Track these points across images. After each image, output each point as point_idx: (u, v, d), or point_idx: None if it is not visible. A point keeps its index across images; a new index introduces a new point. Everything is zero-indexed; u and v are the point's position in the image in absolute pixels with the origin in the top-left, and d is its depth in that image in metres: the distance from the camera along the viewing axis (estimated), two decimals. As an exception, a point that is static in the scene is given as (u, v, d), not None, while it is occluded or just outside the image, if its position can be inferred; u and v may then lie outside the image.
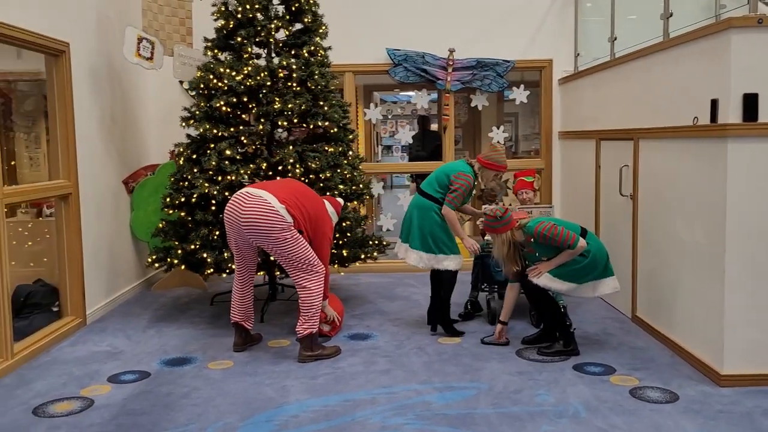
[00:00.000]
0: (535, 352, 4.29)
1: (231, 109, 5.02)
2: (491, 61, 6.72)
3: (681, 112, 4.08)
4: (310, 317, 4.22)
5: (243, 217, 4.05)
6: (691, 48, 3.98)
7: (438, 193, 4.60)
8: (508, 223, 4.23)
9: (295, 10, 5.28)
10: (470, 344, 4.54)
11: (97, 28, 5.40)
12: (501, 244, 4.23)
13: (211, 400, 3.67)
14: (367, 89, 9.32)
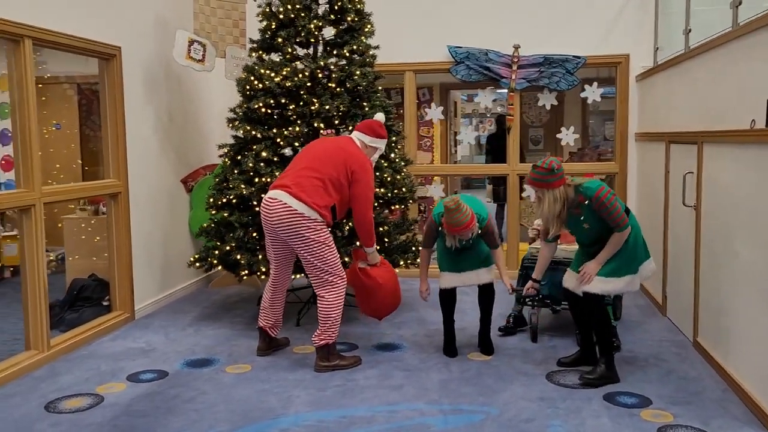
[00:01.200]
0: (577, 378, 3.90)
1: (270, 111, 4.99)
2: (560, 58, 6.30)
3: (743, 113, 3.59)
4: (327, 328, 4.09)
5: (273, 220, 4.01)
6: (752, 40, 3.48)
7: None
8: (563, 177, 3.74)
9: (338, 9, 5.16)
10: (500, 362, 4.24)
11: (152, 31, 5.54)
12: (552, 201, 3.72)
13: (213, 406, 3.63)
14: (443, 87, 9.06)
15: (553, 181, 3.71)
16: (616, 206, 3.68)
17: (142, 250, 5.43)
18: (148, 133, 5.55)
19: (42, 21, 4.24)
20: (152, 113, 5.61)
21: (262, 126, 4.99)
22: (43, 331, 4.35)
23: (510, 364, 4.21)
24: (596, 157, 8.25)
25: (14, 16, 4.00)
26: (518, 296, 4.86)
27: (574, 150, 8.89)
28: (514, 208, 6.68)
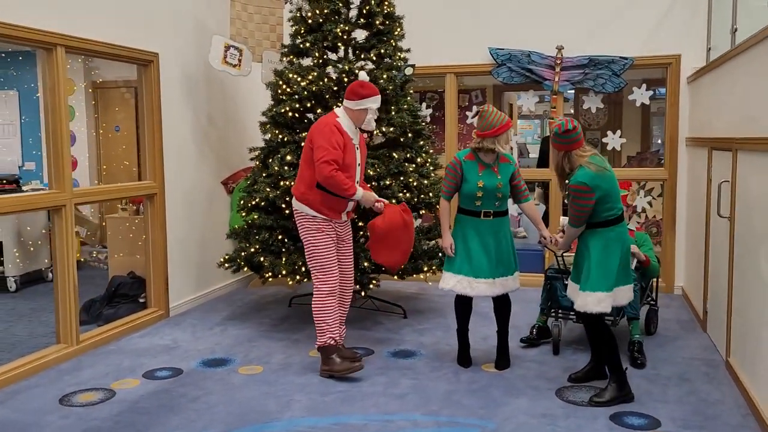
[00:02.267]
0: (587, 395, 3.73)
1: (297, 115, 5.03)
2: (606, 59, 6.06)
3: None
4: (318, 330, 4.13)
5: None
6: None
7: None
8: (568, 143, 3.58)
9: (366, 13, 5.15)
10: (513, 375, 4.12)
11: (190, 37, 5.70)
12: (553, 159, 3.72)
13: (214, 407, 3.69)
14: (497, 89, 8.89)
15: (556, 142, 3.64)
16: (581, 205, 3.54)
17: (177, 250, 5.59)
18: (185, 136, 5.72)
19: (77, 30, 4.44)
20: (190, 117, 5.77)
21: (288, 130, 5.05)
22: (72, 325, 4.55)
23: (523, 377, 4.08)
24: (657, 161, 7.90)
25: (47, 25, 4.21)
26: (542, 306, 4.70)
27: (633, 154, 8.53)
28: (556, 213, 6.47)
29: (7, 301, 6.31)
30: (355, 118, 4.08)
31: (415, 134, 5.24)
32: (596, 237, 3.63)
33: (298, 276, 4.85)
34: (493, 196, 3.97)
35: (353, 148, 4.08)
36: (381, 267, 4.92)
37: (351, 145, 4.06)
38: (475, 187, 3.95)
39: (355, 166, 4.09)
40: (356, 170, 4.10)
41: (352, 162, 4.06)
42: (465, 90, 8.87)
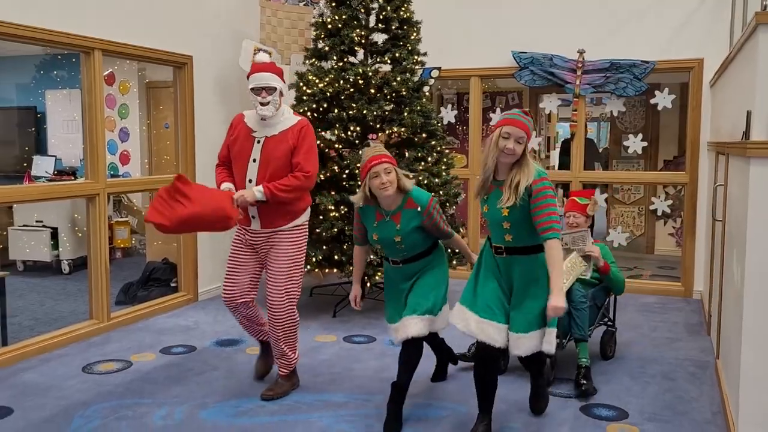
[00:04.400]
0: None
1: (316, 114, 5.34)
2: (627, 62, 6.11)
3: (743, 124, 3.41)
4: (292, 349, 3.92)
5: None
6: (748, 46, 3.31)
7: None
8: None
9: (383, 19, 5.41)
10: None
11: (223, 41, 6.09)
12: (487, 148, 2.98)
13: (215, 380, 4.04)
14: (532, 92, 8.96)
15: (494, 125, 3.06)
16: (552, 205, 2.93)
17: (208, 240, 6.00)
18: (217, 133, 6.09)
19: (116, 35, 4.88)
20: (223, 115, 6.16)
21: (307, 129, 5.35)
22: (103, 304, 5.00)
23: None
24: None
25: (87, 31, 4.66)
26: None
27: (670, 158, 8.47)
28: (577, 216, 6.54)
29: (60, 282, 6.89)
30: (252, 106, 3.61)
31: (428, 134, 5.46)
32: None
33: (309, 265, 5.14)
34: (393, 247, 3.37)
35: (250, 141, 3.61)
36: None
37: (248, 137, 3.62)
38: (371, 238, 3.42)
39: (246, 160, 3.59)
40: (248, 165, 3.59)
41: (242, 155, 3.61)
42: (501, 92, 9.01)
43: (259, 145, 3.59)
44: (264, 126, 3.60)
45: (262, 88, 3.53)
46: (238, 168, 3.64)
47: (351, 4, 5.35)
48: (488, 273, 3.13)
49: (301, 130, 3.60)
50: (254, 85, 3.54)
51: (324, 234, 5.09)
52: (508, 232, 2.99)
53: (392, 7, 5.37)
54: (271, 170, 3.55)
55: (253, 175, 3.57)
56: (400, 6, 5.40)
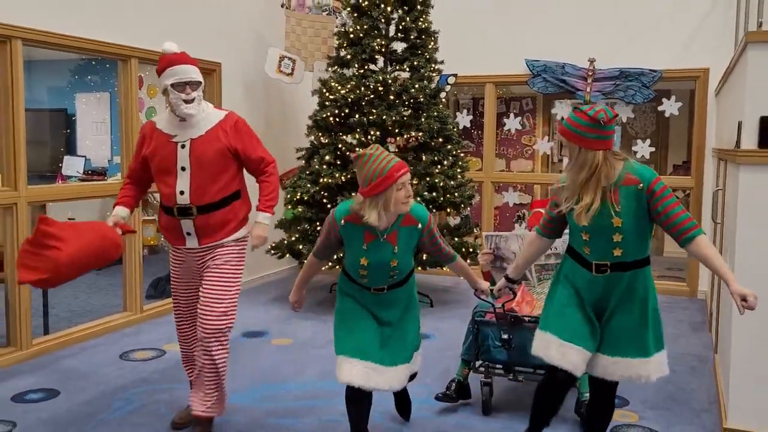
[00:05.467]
0: None
1: (337, 120, 5.63)
2: (636, 71, 6.35)
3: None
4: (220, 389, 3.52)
5: None
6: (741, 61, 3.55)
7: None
8: (609, 138, 2.57)
9: (402, 29, 5.70)
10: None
11: (251, 49, 6.41)
12: (580, 168, 2.55)
13: (241, 368, 4.33)
14: (546, 98, 9.20)
15: (594, 138, 2.53)
16: (680, 208, 2.57)
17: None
18: (244, 136, 6.42)
19: (149, 44, 5.20)
20: (249, 120, 6.43)
21: (329, 133, 5.65)
22: (136, 297, 5.32)
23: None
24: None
25: (124, 41, 4.98)
26: (465, 358, 3.77)
27: (679, 163, 8.68)
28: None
29: (91, 277, 7.22)
30: (169, 105, 3.12)
31: (444, 139, 5.74)
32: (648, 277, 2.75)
33: (329, 262, 5.43)
34: (384, 273, 2.90)
35: (171, 148, 3.11)
36: None
37: (167, 144, 3.13)
38: (356, 263, 2.87)
39: (173, 170, 3.10)
40: (176, 176, 3.10)
41: (166, 165, 3.13)
42: (515, 98, 9.26)
43: (185, 150, 3.08)
44: (185, 127, 3.09)
45: (185, 83, 3.04)
46: (163, 181, 3.13)
47: (372, 15, 5.64)
48: (574, 294, 2.74)
49: (235, 124, 3.16)
50: (175, 80, 3.02)
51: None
52: (618, 246, 2.59)
53: (411, 17, 5.66)
54: (205, 177, 3.08)
55: (185, 186, 3.07)
56: (418, 17, 5.69)
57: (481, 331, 3.65)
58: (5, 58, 4.21)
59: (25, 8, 4.29)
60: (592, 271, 2.67)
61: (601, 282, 2.67)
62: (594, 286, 2.70)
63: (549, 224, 2.85)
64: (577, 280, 2.74)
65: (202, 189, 3.09)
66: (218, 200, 3.14)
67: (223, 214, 3.15)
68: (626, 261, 2.63)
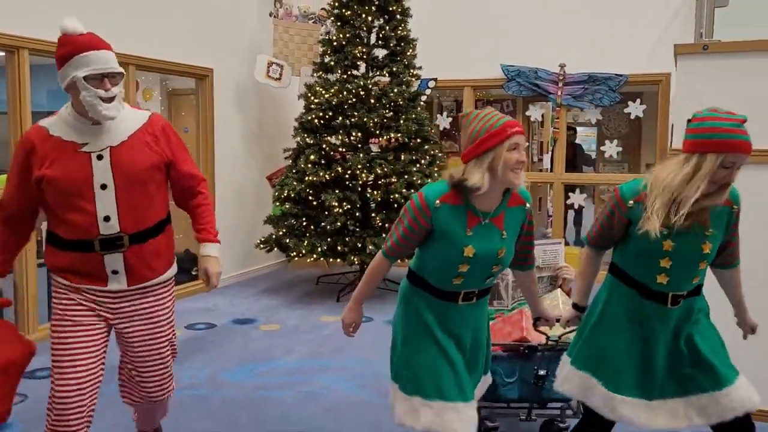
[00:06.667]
0: None
1: (322, 122, 6.03)
2: (603, 76, 6.77)
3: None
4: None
5: None
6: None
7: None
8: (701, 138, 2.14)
9: (382, 37, 6.10)
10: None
11: (242, 55, 6.79)
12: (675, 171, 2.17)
13: (233, 350, 4.72)
14: (526, 100, 9.62)
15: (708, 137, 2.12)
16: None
17: (226, 234, 6.58)
18: (236, 139, 6.82)
19: (145, 51, 5.58)
20: (241, 122, 6.87)
21: (314, 134, 6.05)
22: (134, 287, 5.67)
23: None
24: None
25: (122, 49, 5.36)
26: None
27: (651, 162, 9.11)
28: (559, 219, 7.22)
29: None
30: (76, 104, 2.33)
31: (422, 140, 6.14)
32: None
33: (315, 255, 5.82)
34: (486, 270, 2.29)
35: (82, 160, 2.32)
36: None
37: (74, 155, 2.32)
38: (454, 258, 2.23)
39: (87, 189, 2.31)
40: (93, 197, 2.31)
41: (75, 184, 2.31)
42: (496, 100, 9.67)
43: (104, 163, 2.31)
44: (99, 132, 2.33)
45: (102, 75, 2.28)
46: (73, 208, 2.31)
47: (354, 24, 6.04)
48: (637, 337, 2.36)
49: (163, 129, 2.48)
50: (89, 71, 2.25)
51: (329, 227, 5.76)
52: (699, 274, 2.32)
53: (391, 26, 6.06)
54: (136, 195, 2.37)
55: (111, 210, 2.32)
56: (397, 26, 6.09)
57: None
58: (14, 66, 4.59)
59: (32, 20, 4.68)
60: (667, 303, 2.30)
61: (675, 314, 2.33)
62: (666, 320, 2.32)
63: (607, 235, 2.41)
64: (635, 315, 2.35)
65: (134, 211, 2.36)
66: (153, 225, 2.42)
67: (157, 243, 2.43)
68: (700, 284, 2.37)
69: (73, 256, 2.39)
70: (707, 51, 3.42)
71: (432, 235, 2.24)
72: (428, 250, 2.28)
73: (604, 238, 2.44)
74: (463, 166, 2.20)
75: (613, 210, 2.33)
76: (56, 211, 2.38)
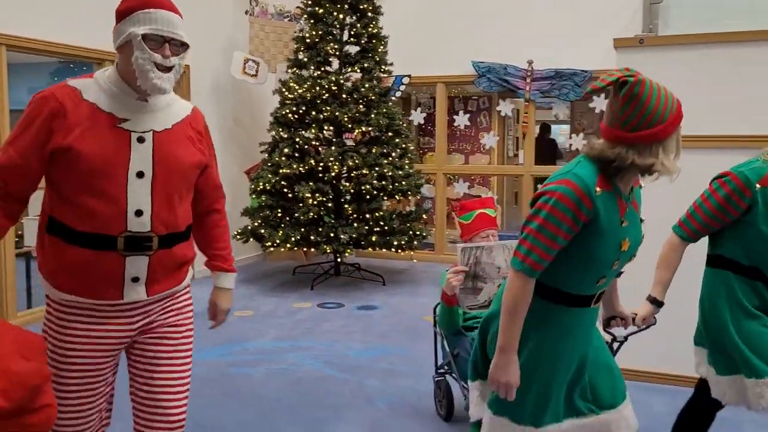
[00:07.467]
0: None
1: (296, 117, 6.23)
2: (569, 72, 7.02)
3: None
4: None
5: None
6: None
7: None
8: None
9: (354, 34, 6.32)
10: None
11: (219, 53, 6.99)
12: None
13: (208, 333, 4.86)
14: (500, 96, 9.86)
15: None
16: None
17: (203, 225, 6.87)
18: (213, 134, 6.70)
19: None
20: (218, 118, 7.06)
21: (288, 128, 6.26)
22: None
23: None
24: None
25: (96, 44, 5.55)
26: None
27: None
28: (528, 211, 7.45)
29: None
30: (124, 68, 1.94)
31: (394, 133, 6.36)
32: None
33: (288, 245, 6.03)
34: (625, 261, 1.99)
35: (120, 139, 1.92)
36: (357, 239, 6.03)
37: (111, 130, 1.92)
38: (608, 255, 1.91)
39: (122, 175, 1.91)
40: (126, 185, 1.91)
41: (111, 166, 1.91)
42: (473, 96, 9.91)
43: (144, 147, 1.95)
44: (144, 110, 1.98)
45: (165, 39, 1.92)
46: (98, 192, 1.89)
47: (327, 21, 6.25)
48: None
49: (206, 127, 2.23)
50: (151, 29, 1.89)
51: (302, 218, 5.97)
52: None
53: (362, 24, 6.28)
54: (172, 191, 2.01)
55: (145, 204, 1.94)
56: (368, 23, 6.31)
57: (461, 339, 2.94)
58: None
59: (9, 16, 4.86)
60: None
61: None
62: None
63: (715, 225, 2.35)
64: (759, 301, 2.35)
65: (168, 210, 2.00)
66: (184, 229, 2.08)
67: (182, 249, 2.09)
68: None
69: (85, 253, 1.91)
70: (643, 45, 3.65)
71: (583, 233, 1.84)
72: (574, 251, 1.86)
73: (710, 227, 2.34)
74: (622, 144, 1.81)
75: (729, 196, 2.25)
76: (70, 194, 1.91)
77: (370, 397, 3.74)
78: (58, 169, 1.91)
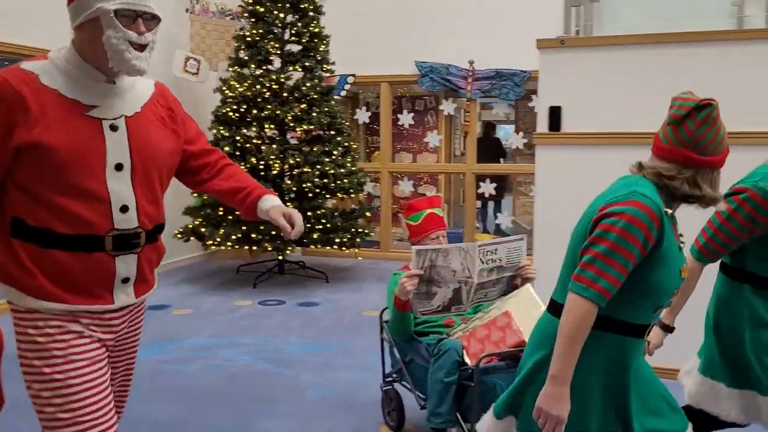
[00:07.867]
0: None
1: (237, 115, 6.24)
2: (509, 72, 7.18)
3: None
4: None
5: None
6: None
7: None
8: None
9: (295, 33, 6.36)
10: None
11: (160, 50, 6.91)
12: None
13: (146, 331, 4.86)
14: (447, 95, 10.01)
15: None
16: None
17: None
18: (154, 131, 6.94)
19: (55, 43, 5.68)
20: (159, 115, 7.00)
21: (228, 126, 6.25)
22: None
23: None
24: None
25: (37, 43, 5.47)
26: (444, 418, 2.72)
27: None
28: (471, 208, 7.61)
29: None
30: (89, 48, 1.74)
31: (336, 132, 6.41)
32: None
33: (229, 243, 6.03)
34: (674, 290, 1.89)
35: (90, 128, 1.73)
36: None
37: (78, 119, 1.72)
38: (678, 277, 1.84)
39: (103, 171, 1.74)
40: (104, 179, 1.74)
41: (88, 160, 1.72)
42: (419, 96, 10.03)
43: (118, 135, 1.78)
44: (112, 94, 1.79)
45: (138, 14, 1.74)
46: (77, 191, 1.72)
47: (267, 20, 6.27)
48: None
49: (176, 101, 2.03)
50: (124, 4, 1.70)
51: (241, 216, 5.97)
52: None
53: (303, 23, 6.32)
54: (152, 182, 1.88)
55: (129, 198, 1.80)
56: (309, 22, 6.36)
57: (484, 382, 2.62)
58: None
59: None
60: None
61: None
62: None
63: (735, 244, 2.23)
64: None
65: (151, 202, 1.88)
66: (162, 222, 1.99)
67: (161, 243, 2.02)
68: None
69: (70, 258, 1.73)
70: (564, 45, 3.79)
71: (649, 258, 1.74)
72: (637, 276, 1.74)
73: (731, 248, 2.23)
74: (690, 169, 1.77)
75: (752, 217, 2.14)
76: (43, 194, 1.69)
77: (302, 389, 3.79)
78: (26, 168, 1.69)
